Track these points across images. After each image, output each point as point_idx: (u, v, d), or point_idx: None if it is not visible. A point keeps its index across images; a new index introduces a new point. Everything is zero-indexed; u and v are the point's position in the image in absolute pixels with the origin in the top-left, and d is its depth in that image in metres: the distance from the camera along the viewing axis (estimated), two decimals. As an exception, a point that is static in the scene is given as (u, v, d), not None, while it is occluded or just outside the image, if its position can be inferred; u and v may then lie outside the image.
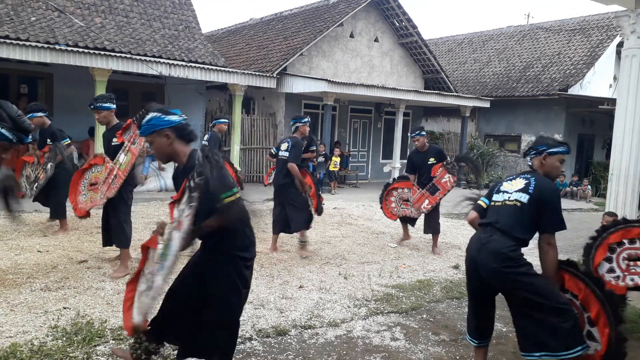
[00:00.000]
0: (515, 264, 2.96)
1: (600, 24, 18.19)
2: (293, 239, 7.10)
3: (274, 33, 16.90)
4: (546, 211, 3.03)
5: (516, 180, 3.23)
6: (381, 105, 16.31)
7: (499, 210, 3.17)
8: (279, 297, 4.57)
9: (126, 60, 10.09)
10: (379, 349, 3.65)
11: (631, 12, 5.75)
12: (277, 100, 14.66)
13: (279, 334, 3.77)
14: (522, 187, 3.13)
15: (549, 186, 3.13)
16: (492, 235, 3.06)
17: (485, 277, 3.05)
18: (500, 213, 3.14)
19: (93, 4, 12.04)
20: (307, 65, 14.74)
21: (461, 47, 22.83)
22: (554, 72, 17.58)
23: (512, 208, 3.10)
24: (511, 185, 3.21)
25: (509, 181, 3.28)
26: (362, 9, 15.24)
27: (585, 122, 17.50)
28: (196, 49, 12.56)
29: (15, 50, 8.98)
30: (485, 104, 16.56)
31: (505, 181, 3.31)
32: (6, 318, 3.64)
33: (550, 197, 3.06)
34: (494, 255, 2.98)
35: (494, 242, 3.03)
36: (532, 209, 3.04)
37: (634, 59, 5.76)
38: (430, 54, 16.54)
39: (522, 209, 3.06)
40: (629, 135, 5.69)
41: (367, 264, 5.99)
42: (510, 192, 3.17)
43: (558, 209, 3.07)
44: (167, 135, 2.67)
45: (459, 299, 4.92)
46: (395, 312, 4.43)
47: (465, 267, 3.31)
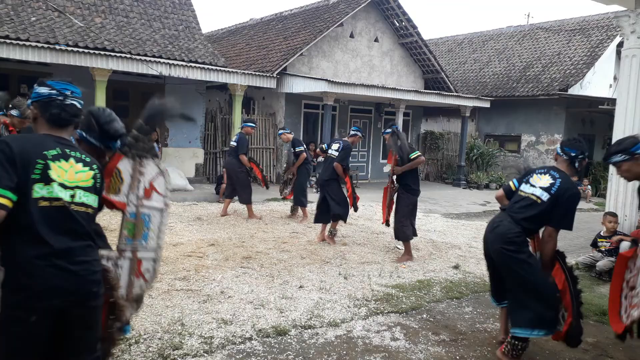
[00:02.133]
0: (516, 248, 3.33)
1: (600, 24, 18.19)
2: (293, 239, 7.11)
3: (274, 33, 16.91)
4: (559, 210, 3.31)
5: (545, 176, 3.42)
6: (381, 105, 16.31)
7: (519, 200, 3.48)
8: (279, 297, 4.57)
9: (126, 60, 10.10)
10: (379, 349, 3.65)
11: (631, 12, 5.75)
12: (277, 100, 14.66)
13: (279, 334, 3.77)
14: (547, 186, 3.36)
15: (571, 190, 3.34)
16: (502, 220, 3.47)
17: (492, 253, 3.51)
18: (519, 203, 3.46)
19: (93, 4, 12.04)
20: (307, 65, 14.74)
21: (461, 47, 22.83)
22: (554, 72, 17.58)
23: (531, 202, 3.39)
24: (539, 180, 3.43)
25: (539, 174, 3.47)
26: (362, 9, 15.24)
27: (585, 122, 17.50)
28: (196, 49, 12.57)
29: (15, 50, 8.98)
30: (485, 104, 16.56)
31: (536, 173, 3.52)
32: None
33: (567, 200, 3.31)
34: (500, 237, 3.39)
35: (502, 226, 3.43)
36: (548, 206, 3.32)
37: (634, 59, 5.77)
38: (430, 54, 16.54)
39: (539, 206, 3.34)
40: (629, 135, 5.68)
41: (367, 264, 5.99)
42: (536, 186, 3.42)
43: (571, 212, 3.35)
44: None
45: (459, 299, 4.92)
46: (395, 312, 4.43)
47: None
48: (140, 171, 2.52)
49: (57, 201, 1.96)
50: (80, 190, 2.05)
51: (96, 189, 2.14)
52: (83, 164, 2.09)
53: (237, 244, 6.62)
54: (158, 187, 2.56)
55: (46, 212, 1.93)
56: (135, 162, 2.51)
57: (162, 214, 2.58)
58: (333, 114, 14.61)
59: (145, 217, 2.53)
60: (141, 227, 2.51)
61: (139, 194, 2.51)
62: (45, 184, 1.94)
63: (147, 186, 2.53)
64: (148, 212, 2.53)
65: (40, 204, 1.92)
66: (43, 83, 2.16)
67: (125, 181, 2.50)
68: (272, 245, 6.67)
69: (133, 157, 2.51)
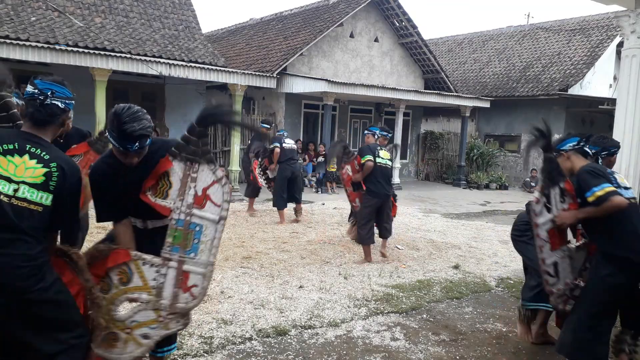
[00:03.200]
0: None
1: (600, 24, 18.18)
2: (293, 239, 7.11)
3: (274, 33, 16.90)
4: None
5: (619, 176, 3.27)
6: (381, 105, 16.31)
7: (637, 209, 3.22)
8: (279, 297, 4.57)
9: (126, 60, 10.09)
10: (379, 349, 3.65)
11: (631, 12, 5.74)
12: (277, 100, 14.66)
13: (279, 334, 3.77)
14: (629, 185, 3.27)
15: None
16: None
17: None
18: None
19: (93, 4, 12.04)
20: (307, 65, 14.74)
21: (461, 47, 22.82)
22: (554, 72, 17.58)
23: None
24: (623, 180, 3.27)
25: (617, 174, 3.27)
26: (362, 9, 15.23)
27: (585, 122, 17.50)
28: (196, 49, 12.56)
29: (15, 50, 8.97)
30: (485, 104, 16.55)
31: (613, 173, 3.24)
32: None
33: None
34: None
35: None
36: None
37: (634, 59, 5.76)
38: (430, 54, 16.53)
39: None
40: (629, 135, 5.68)
41: (367, 263, 5.99)
42: (629, 188, 3.26)
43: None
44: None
45: (459, 299, 4.92)
46: (395, 312, 4.43)
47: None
48: (192, 176, 2.34)
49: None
50: (26, 185, 2.07)
51: (47, 187, 2.12)
52: (38, 160, 2.11)
53: (237, 244, 6.62)
54: (213, 197, 2.33)
55: None
56: (186, 166, 2.35)
57: (216, 226, 2.34)
58: (333, 114, 14.61)
59: (196, 228, 2.33)
60: (190, 238, 2.33)
61: (189, 200, 2.33)
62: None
63: (199, 193, 2.33)
64: (200, 222, 2.33)
65: None
66: (31, 82, 2.23)
67: (174, 185, 2.35)
68: (272, 245, 6.67)
69: (182, 160, 2.36)
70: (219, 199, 2.32)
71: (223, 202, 2.33)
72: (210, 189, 2.33)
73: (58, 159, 2.18)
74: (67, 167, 2.19)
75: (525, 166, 17.17)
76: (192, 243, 2.33)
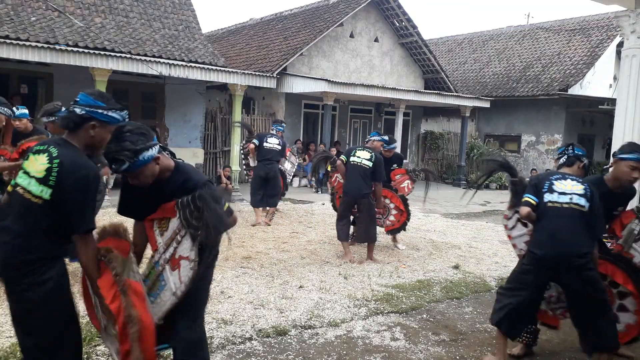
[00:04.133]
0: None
1: (600, 24, 18.18)
2: (293, 239, 7.11)
3: (274, 33, 16.91)
4: (598, 218, 3.18)
5: (568, 181, 3.19)
6: (381, 105, 16.31)
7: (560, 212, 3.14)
8: (279, 297, 4.57)
9: (126, 60, 10.08)
10: (379, 349, 3.65)
11: (631, 12, 5.74)
12: (277, 100, 14.66)
13: (279, 334, 3.77)
14: (582, 192, 3.14)
15: (596, 193, 3.20)
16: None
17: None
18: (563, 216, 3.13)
19: (93, 4, 12.03)
20: (307, 65, 14.74)
21: (461, 47, 22.82)
22: (554, 72, 17.58)
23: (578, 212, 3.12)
24: (565, 186, 3.17)
25: (559, 180, 3.22)
26: (362, 9, 15.24)
27: (585, 122, 17.51)
28: (196, 49, 12.56)
29: (15, 50, 8.97)
30: (485, 104, 16.56)
31: (554, 180, 3.22)
32: (6, 318, 3.64)
33: (599, 205, 3.17)
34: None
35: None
36: (589, 216, 3.14)
37: (634, 59, 5.75)
38: (430, 54, 16.54)
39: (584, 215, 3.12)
40: (629, 135, 5.68)
41: (367, 263, 5.99)
42: (569, 193, 3.14)
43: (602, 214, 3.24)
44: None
45: (459, 299, 4.92)
46: (395, 312, 4.43)
47: None
48: (177, 238, 2.31)
49: (14, 187, 2.29)
50: (33, 179, 2.23)
51: (47, 181, 2.19)
52: (48, 157, 2.23)
53: (237, 244, 6.61)
54: (182, 270, 2.28)
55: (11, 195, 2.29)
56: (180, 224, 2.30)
57: (171, 297, 2.32)
58: (333, 114, 14.62)
59: (162, 282, 2.34)
60: (157, 286, 2.35)
61: (167, 256, 2.34)
62: (22, 172, 2.30)
63: (176, 256, 2.31)
64: (166, 281, 2.33)
65: (9, 189, 2.33)
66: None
67: (167, 233, 2.35)
68: (272, 245, 6.67)
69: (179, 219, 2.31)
70: (185, 276, 2.28)
71: (185, 281, 2.27)
72: (183, 262, 2.29)
73: (63, 156, 2.23)
74: (68, 164, 2.20)
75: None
76: (155, 291, 2.38)
